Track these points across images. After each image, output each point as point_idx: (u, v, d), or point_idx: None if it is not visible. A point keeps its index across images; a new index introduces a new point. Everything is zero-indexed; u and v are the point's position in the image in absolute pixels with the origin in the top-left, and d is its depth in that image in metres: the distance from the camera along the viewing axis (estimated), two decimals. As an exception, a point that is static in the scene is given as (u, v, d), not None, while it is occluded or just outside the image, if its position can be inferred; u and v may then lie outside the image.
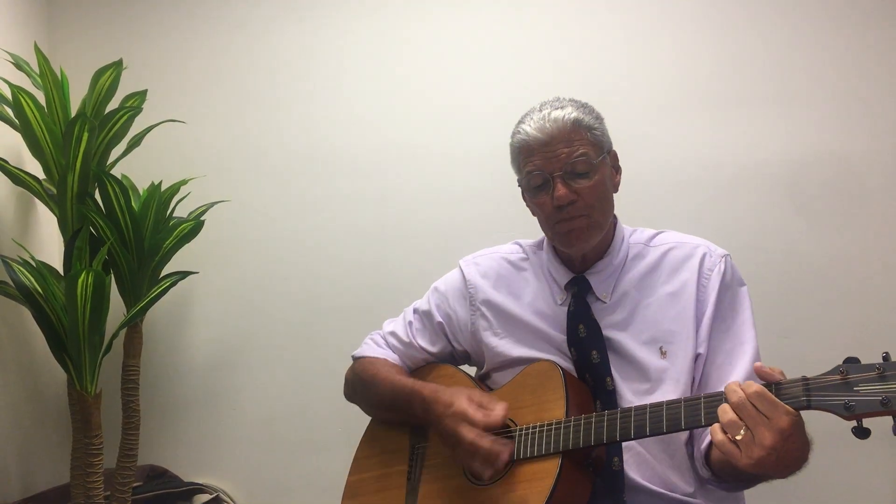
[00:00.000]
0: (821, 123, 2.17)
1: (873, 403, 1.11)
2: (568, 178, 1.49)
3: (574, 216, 1.50)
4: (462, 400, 1.48)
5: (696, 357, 1.48)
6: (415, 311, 1.76)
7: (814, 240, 2.16)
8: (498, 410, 1.45)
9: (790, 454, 1.20)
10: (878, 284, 2.13)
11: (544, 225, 1.57)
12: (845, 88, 2.16)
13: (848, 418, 1.14)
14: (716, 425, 1.22)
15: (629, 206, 1.65)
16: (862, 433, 1.14)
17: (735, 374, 1.44)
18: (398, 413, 1.63)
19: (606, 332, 1.52)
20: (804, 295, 2.16)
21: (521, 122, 1.56)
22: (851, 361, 1.16)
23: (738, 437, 1.18)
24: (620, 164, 1.60)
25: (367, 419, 1.76)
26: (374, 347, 1.77)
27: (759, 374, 1.23)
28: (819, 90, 2.18)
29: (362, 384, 1.73)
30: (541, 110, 1.53)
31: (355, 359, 1.79)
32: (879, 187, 2.14)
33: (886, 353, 1.14)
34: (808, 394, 1.18)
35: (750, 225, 2.19)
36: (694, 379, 1.49)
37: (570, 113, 1.50)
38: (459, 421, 1.45)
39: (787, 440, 1.17)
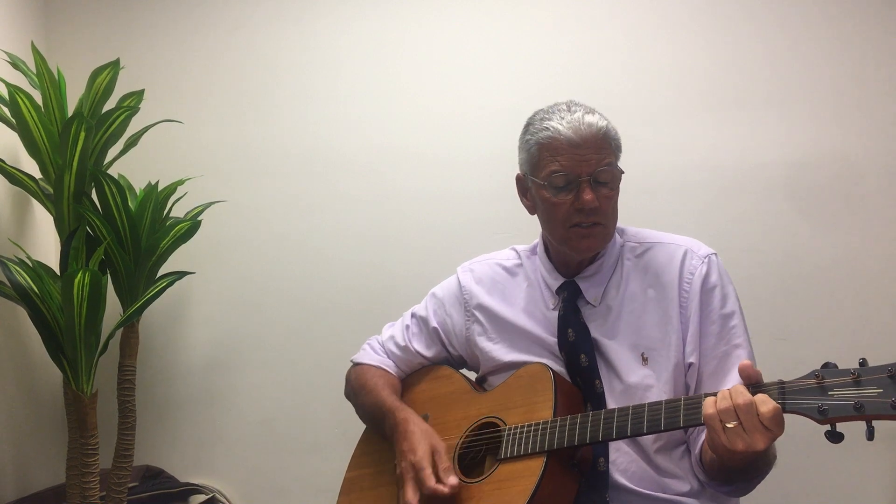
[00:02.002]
0: (820, 125, 2.18)
1: (846, 408, 1.13)
2: (594, 184, 1.48)
3: (595, 223, 1.49)
4: (425, 453, 1.48)
5: (689, 367, 1.49)
6: (413, 315, 1.79)
7: (813, 241, 2.16)
8: (449, 484, 1.43)
9: (759, 459, 1.27)
10: (877, 285, 2.14)
11: (555, 224, 1.53)
12: (844, 89, 2.17)
13: (821, 422, 1.16)
14: (711, 399, 1.23)
15: (629, 208, 1.65)
16: (835, 437, 1.16)
17: (730, 380, 1.44)
18: (375, 426, 1.68)
19: (595, 336, 1.53)
20: (803, 296, 2.17)
21: (545, 118, 1.51)
22: (828, 366, 1.18)
23: (730, 426, 1.20)
24: (620, 165, 1.61)
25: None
26: (371, 354, 1.80)
27: (743, 373, 1.24)
28: (818, 91, 2.18)
29: (353, 392, 1.78)
30: (570, 111, 1.50)
31: (354, 363, 1.82)
32: (878, 188, 2.14)
33: (863, 358, 1.16)
34: (783, 397, 1.19)
35: (749, 227, 2.20)
36: (689, 387, 1.49)
37: (601, 121, 1.50)
38: (412, 475, 1.47)
39: (767, 450, 1.21)
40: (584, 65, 2.31)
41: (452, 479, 1.45)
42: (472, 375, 1.74)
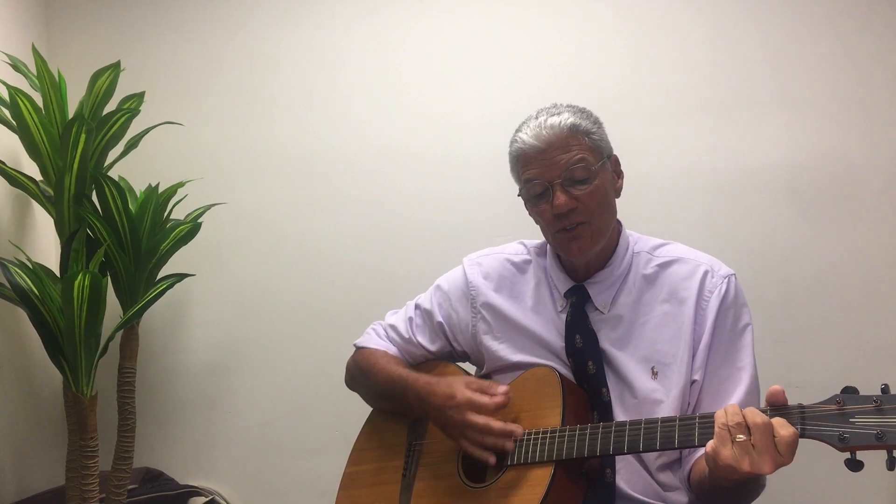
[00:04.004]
0: (821, 127, 2.17)
1: (868, 437, 1.10)
2: (567, 184, 1.47)
3: (576, 224, 1.48)
4: (462, 389, 1.48)
5: (692, 384, 1.47)
6: (416, 306, 1.75)
7: (814, 243, 2.16)
8: (500, 392, 1.45)
9: (751, 482, 1.28)
10: (878, 288, 2.13)
11: (546, 233, 1.56)
12: (845, 92, 2.16)
13: (842, 450, 1.13)
14: (720, 411, 1.21)
15: (629, 211, 1.64)
16: (855, 466, 1.12)
17: (730, 402, 1.41)
18: (393, 403, 1.65)
19: (603, 345, 1.51)
20: (803, 299, 2.16)
21: (517, 130, 1.54)
22: (849, 391, 1.15)
23: (739, 439, 1.17)
24: (622, 168, 1.60)
25: (363, 422, 1.76)
26: (375, 339, 1.77)
27: (771, 398, 1.21)
28: (819, 94, 2.18)
29: (361, 373, 1.73)
30: (537, 118, 1.51)
31: (357, 347, 1.79)
32: (880, 191, 2.14)
33: (885, 384, 1.13)
34: (803, 422, 1.16)
35: (749, 229, 2.19)
36: (689, 404, 1.47)
37: (566, 118, 1.48)
38: (466, 410, 1.45)
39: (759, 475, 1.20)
40: (585, 66, 2.30)
41: (502, 387, 1.46)
42: (472, 370, 1.73)
